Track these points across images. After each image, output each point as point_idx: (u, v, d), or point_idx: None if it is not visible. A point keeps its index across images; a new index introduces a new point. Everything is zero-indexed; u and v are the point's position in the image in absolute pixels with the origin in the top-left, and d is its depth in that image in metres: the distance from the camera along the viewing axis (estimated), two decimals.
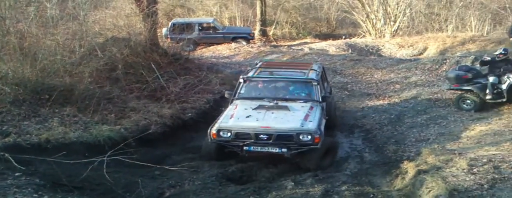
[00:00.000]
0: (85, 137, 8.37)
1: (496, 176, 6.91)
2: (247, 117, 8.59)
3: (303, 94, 9.58)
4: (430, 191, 6.91)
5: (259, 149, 8.30)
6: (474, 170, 7.27)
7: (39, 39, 10.61)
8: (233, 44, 20.67)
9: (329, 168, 8.54)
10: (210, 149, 8.58)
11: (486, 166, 7.30)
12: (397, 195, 7.35)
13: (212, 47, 20.60)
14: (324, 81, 11.01)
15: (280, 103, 9.14)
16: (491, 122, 9.82)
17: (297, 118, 8.47)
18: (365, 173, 8.29)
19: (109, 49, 12.40)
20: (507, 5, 20.45)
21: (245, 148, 8.27)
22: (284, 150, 8.21)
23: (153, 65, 12.85)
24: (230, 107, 9.30)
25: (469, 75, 10.88)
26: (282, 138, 8.17)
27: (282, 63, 12.54)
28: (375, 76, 14.98)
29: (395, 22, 22.43)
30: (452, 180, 7.01)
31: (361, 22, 23.70)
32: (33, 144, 7.59)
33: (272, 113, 8.70)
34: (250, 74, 10.06)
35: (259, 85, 9.86)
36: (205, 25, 21.68)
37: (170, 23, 21.03)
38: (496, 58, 10.89)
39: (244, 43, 21.21)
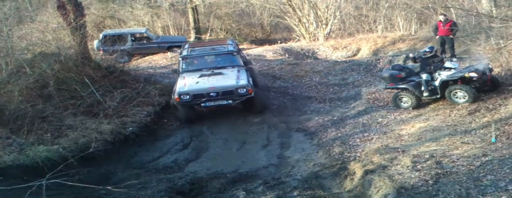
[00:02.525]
0: (21, 160, 7.95)
1: (439, 171, 7.18)
2: (197, 83, 11.75)
3: (229, 62, 12.77)
4: (379, 190, 7.05)
5: (212, 103, 11.51)
6: (418, 166, 7.51)
7: None
8: (169, 54, 20.28)
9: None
10: (179, 107, 11.59)
11: (428, 162, 7.56)
12: (348, 197, 7.45)
13: (147, 57, 20.12)
14: (240, 52, 14.18)
15: (216, 71, 12.34)
16: (429, 118, 10.19)
17: (232, 78, 11.83)
18: (315, 176, 8.35)
19: (38, 65, 11.85)
20: (430, 5, 21.40)
21: (202, 104, 11.50)
22: (230, 101, 11.49)
23: (86, 80, 12.38)
24: (179, 79, 12.27)
25: (403, 74, 11.24)
26: (226, 93, 11.46)
27: (204, 42, 15.79)
28: (314, 79, 15.20)
29: (326, 25, 22.85)
30: (399, 178, 7.20)
31: (295, 27, 23.98)
32: None
33: (213, 77, 11.91)
34: (184, 53, 13.27)
35: (195, 61, 12.98)
36: (138, 35, 21.14)
37: (101, 35, 20.31)
38: (423, 56, 11.34)
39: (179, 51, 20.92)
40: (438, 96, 10.93)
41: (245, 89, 11.46)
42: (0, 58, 11.38)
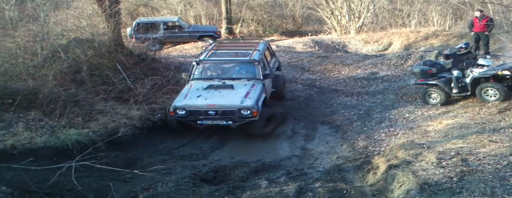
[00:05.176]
0: (52, 142, 8.17)
1: (464, 169, 7.09)
2: (198, 96, 10.25)
3: (246, 74, 11.16)
4: (401, 185, 7.02)
5: (209, 122, 9.99)
6: (443, 163, 7.43)
7: None
8: (199, 43, 20.46)
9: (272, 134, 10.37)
10: (172, 123, 10.24)
11: (454, 159, 7.48)
12: (370, 191, 7.44)
13: (178, 46, 20.34)
14: (272, 57, 13.02)
15: (227, 82, 10.83)
16: (457, 115, 10.05)
17: (239, 95, 10.16)
18: (337, 169, 8.37)
19: (72, 50, 12.13)
20: (467, 0, 20.93)
21: (198, 122, 9.97)
22: (229, 122, 9.91)
23: (118, 66, 12.62)
24: (186, 86, 10.95)
25: (434, 70, 11.08)
26: (226, 113, 9.90)
27: (232, 43, 13.88)
28: (343, 72, 15.12)
29: (359, 18, 22.62)
30: (422, 174, 7.15)
31: (326, 19, 23.82)
32: None
33: (219, 91, 10.40)
34: (202, 57, 11.65)
35: (210, 67, 11.48)
36: (170, 24, 21.38)
37: (134, 23, 20.61)
38: (457, 52, 11.14)
39: (210, 41, 21.01)
40: (468, 93, 10.75)
41: (249, 111, 9.84)
42: (36, 42, 11.70)
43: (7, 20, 11.97)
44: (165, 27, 20.91)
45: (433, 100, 11.17)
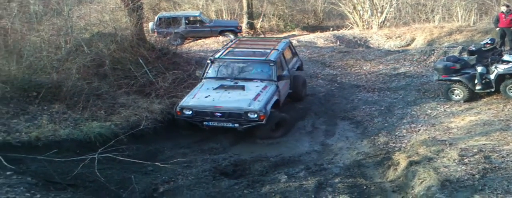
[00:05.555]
0: (75, 134, 8.30)
1: (487, 166, 7.01)
2: (206, 97, 9.96)
3: (261, 74, 10.73)
4: (422, 182, 6.98)
5: (216, 124, 9.73)
6: (465, 160, 7.35)
7: (23, 35, 10.48)
8: (220, 38, 20.53)
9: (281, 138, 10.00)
10: (179, 123, 10.07)
11: (476, 156, 7.39)
12: (390, 187, 7.41)
13: (199, 41, 20.44)
14: (294, 57, 12.55)
15: (240, 83, 10.46)
16: (480, 112, 9.90)
17: (248, 97, 9.80)
18: (357, 165, 8.34)
19: (95, 44, 12.27)
20: None
21: (204, 123, 9.74)
22: (236, 125, 9.66)
23: (141, 60, 12.73)
24: (198, 85, 10.71)
25: (457, 65, 10.93)
26: (233, 115, 9.62)
27: (252, 41, 13.24)
28: (364, 68, 15.00)
29: (382, 13, 22.40)
30: (444, 170, 7.09)
31: (348, 14, 23.65)
32: (23, 142, 7.52)
33: (229, 92, 10.06)
34: (217, 55, 11.32)
35: (224, 66, 11.06)
36: (191, 18, 21.50)
37: (156, 17, 20.80)
38: (483, 48, 10.96)
39: (231, 36, 21.06)
40: (493, 90, 10.58)
41: (256, 115, 9.50)
42: (60, 36, 11.88)
43: (32, 14, 12.15)
44: (187, 22, 21.04)
45: (456, 96, 11.02)
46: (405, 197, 6.96)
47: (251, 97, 9.78)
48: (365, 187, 7.36)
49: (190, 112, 9.71)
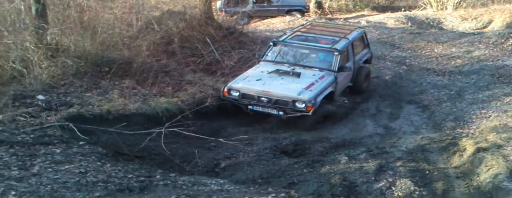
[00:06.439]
0: (144, 109, 8.59)
1: None
2: (257, 80, 9.49)
3: (321, 63, 10.07)
4: (489, 169, 6.75)
5: (260, 109, 9.26)
6: None
7: (98, 13, 10.90)
8: (287, 17, 20.43)
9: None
10: (226, 105, 9.62)
11: None
12: (454, 173, 7.21)
13: (266, 20, 20.44)
14: (364, 49, 11.69)
15: (297, 69, 9.83)
16: None
17: (300, 86, 9.20)
18: (421, 150, 8.13)
19: (165, 22, 12.59)
20: None
21: (249, 107, 9.29)
22: (281, 112, 9.12)
23: (208, 39, 12.97)
24: (254, 67, 10.34)
25: None
26: (279, 102, 9.08)
27: (324, 27, 12.18)
28: (436, 50, 14.46)
29: None
30: None
31: None
32: (95, 115, 7.88)
33: (282, 78, 9.51)
34: (281, 38, 10.81)
35: (285, 50, 10.47)
36: None
37: None
38: None
39: (298, 16, 20.95)
40: None
41: (303, 105, 8.90)
42: (132, 14, 12.29)
43: None
44: (254, 1, 21.05)
45: None
46: (470, 184, 6.74)
47: (304, 86, 9.21)
48: (427, 171, 7.20)
49: (237, 94, 9.32)
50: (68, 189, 5.28)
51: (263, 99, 9.13)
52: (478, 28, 18.69)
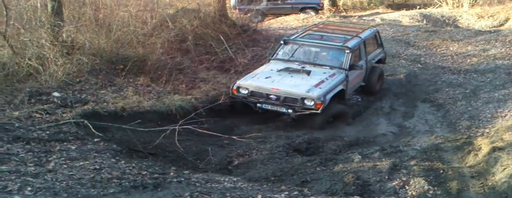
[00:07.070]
0: (158, 106, 8.65)
1: None
2: (266, 77, 9.45)
3: (332, 61, 9.98)
4: (505, 169, 6.68)
5: (269, 107, 9.21)
6: None
7: (112, 10, 11.00)
8: (301, 15, 20.37)
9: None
10: (235, 103, 9.56)
11: None
12: (469, 172, 7.15)
13: (280, 18, 20.41)
14: (378, 48, 11.52)
15: (307, 67, 9.80)
16: None
17: (309, 83, 9.13)
18: (435, 149, 8.07)
19: (179, 20, 12.66)
20: None
21: (258, 105, 9.25)
22: (290, 110, 9.05)
23: (221, 37, 13.00)
24: (264, 65, 10.32)
25: None
26: (288, 100, 9.02)
27: (337, 26, 11.99)
28: (451, 48, 14.32)
29: None
30: None
31: None
32: (110, 112, 7.95)
33: (291, 76, 9.46)
34: (292, 37, 10.77)
35: (296, 48, 10.39)
36: None
37: None
38: None
39: (312, 13, 20.89)
40: None
41: (312, 102, 8.81)
42: (146, 12, 12.38)
43: None
44: None
45: None
46: (485, 183, 6.68)
47: (313, 83, 9.12)
48: (441, 171, 7.15)
49: (246, 91, 9.27)
50: (83, 186, 5.33)
51: (272, 96, 9.09)
52: (494, 26, 18.45)
